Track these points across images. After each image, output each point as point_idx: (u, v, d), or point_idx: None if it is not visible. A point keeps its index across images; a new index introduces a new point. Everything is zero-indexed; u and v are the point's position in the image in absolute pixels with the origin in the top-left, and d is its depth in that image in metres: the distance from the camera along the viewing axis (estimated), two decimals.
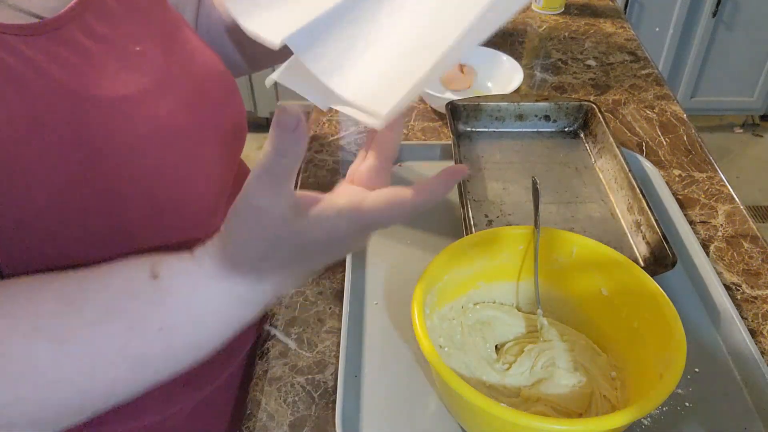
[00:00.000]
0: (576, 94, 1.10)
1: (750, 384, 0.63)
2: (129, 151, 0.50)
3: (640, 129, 1.01)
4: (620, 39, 1.27)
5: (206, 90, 0.60)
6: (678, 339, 0.53)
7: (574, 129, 0.96)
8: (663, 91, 1.11)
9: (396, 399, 0.62)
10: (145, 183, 0.52)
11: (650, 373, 0.55)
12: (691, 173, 0.92)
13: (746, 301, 0.72)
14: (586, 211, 0.82)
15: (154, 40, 0.57)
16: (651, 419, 0.60)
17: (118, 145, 0.49)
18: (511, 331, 0.66)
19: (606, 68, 1.17)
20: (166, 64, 0.57)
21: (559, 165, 0.90)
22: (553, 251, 0.64)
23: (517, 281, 0.67)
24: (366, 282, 0.74)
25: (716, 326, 0.68)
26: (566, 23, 1.33)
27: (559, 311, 0.67)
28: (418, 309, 0.55)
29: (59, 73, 0.48)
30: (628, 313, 0.60)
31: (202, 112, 0.58)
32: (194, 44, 0.63)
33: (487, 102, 0.95)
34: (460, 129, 0.96)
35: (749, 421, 0.60)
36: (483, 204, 0.83)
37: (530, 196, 0.83)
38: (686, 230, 0.79)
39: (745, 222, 0.83)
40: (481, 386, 0.60)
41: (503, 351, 0.64)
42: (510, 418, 0.48)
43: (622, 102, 1.08)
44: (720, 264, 0.77)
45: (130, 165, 0.50)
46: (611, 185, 0.85)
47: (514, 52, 1.20)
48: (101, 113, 0.49)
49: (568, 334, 0.64)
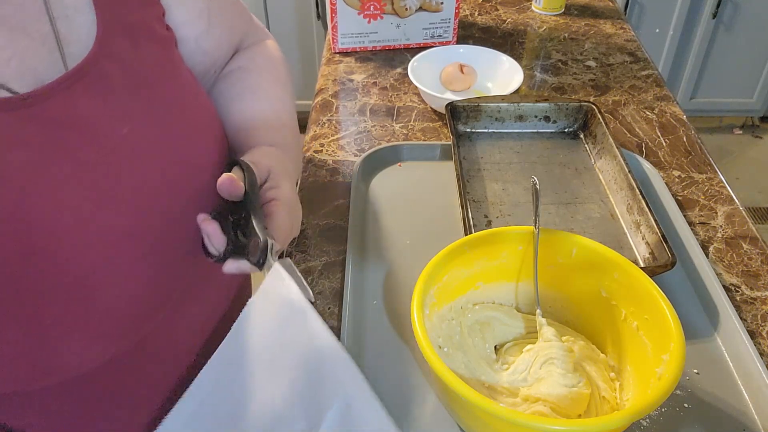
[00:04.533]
0: (576, 95, 1.10)
1: (749, 385, 0.63)
2: (67, 255, 0.47)
3: (639, 130, 1.01)
4: (620, 40, 1.27)
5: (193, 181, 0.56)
6: (677, 340, 0.53)
7: (574, 130, 0.96)
8: (663, 92, 1.11)
9: (395, 399, 0.62)
10: (76, 291, 0.48)
11: (649, 373, 0.55)
12: (690, 174, 0.92)
13: (745, 302, 0.72)
14: (586, 211, 0.82)
15: (150, 118, 0.52)
16: (650, 420, 0.60)
17: (56, 246, 0.46)
18: (510, 331, 0.66)
19: (606, 69, 1.17)
20: (155, 149, 0.52)
21: (558, 166, 0.90)
22: (552, 252, 0.64)
23: (516, 282, 0.67)
24: (366, 282, 0.74)
25: (715, 327, 0.68)
26: (566, 24, 1.33)
27: (558, 312, 0.67)
28: (417, 309, 0.55)
29: (14, 155, 0.44)
30: (628, 314, 0.60)
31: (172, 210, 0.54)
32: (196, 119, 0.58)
33: (487, 103, 0.95)
34: (460, 129, 0.96)
35: (748, 423, 0.60)
36: (483, 204, 0.83)
37: (530, 197, 0.83)
38: (686, 231, 0.79)
39: (744, 223, 0.83)
40: (480, 386, 0.60)
41: (502, 351, 0.64)
42: (509, 418, 0.48)
43: (621, 103, 1.08)
44: (719, 265, 0.77)
45: (63, 269, 0.47)
46: (611, 186, 0.85)
47: (514, 53, 1.20)
48: (48, 207, 0.46)
49: (567, 334, 0.64)
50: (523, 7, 1.39)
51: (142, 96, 0.52)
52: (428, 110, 1.05)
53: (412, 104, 1.07)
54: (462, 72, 1.07)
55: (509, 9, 1.39)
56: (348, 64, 1.19)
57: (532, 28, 1.32)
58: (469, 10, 1.38)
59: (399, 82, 1.13)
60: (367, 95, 1.10)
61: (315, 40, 2.29)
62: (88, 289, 0.49)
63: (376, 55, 1.22)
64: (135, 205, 0.50)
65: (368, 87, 1.12)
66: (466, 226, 0.74)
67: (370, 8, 1.17)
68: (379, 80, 1.14)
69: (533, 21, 1.34)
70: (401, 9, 1.18)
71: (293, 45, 2.30)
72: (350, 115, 1.05)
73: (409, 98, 1.09)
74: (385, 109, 1.06)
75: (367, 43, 1.21)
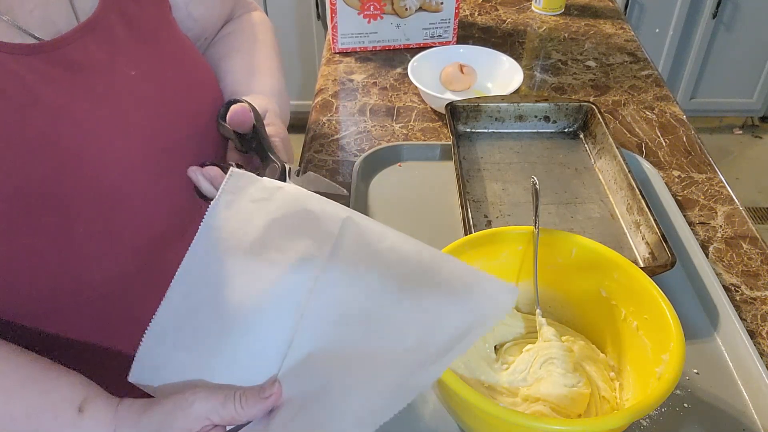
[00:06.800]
0: (576, 95, 1.10)
1: (749, 385, 0.63)
2: (93, 173, 0.54)
3: (639, 130, 1.01)
4: (620, 40, 1.27)
5: (198, 112, 0.63)
6: (677, 340, 0.53)
7: (574, 130, 0.96)
8: (663, 92, 1.11)
9: None
10: (102, 206, 0.55)
11: (649, 373, 0.55)
12: (690, 174, 0.92)
13: (745, 302, 0.72)
14: (586, 211, 0.82)
15: (154, 64, 0.59)
16: (650, 420, 0.60)
17: (84, 166, 0.53)
18: (510, 331, 0.66)
19: (606, 69, 1.17)
20: (160, 90, 0.59)
21: (558, 166, 0.90)
22: (552, 252, 0.64)
23: (516, 282, 0.67)
24: None
25: (715, 327, 0.68)
26: (566, 24, 1.33)
27: (558, 312, 0.67)
28: None
29: (44, 91, 0.51)
30: (627, 314, 0.60)
31: (181, 143, 0.61)
32: (196, 65, 0.65)
33: (487, 103, 0.95)
34: (460, 129, 0.96)
35: (748, 423, 0.60)
36: (482, 204, 0.83)
37: (530, 197, 0.83)
38: (685, 231, 0.79)
39: (744, 223, 0.83)
40: (479, 386, 0.60)
41: (502, 351, 0.64)
42: (509, 418, 0.48)
43: (621, 103, 1.08)
44: (719, 265, 0.77)
45: (91, 186, 0.54)
46: (611, 186, 0.85)
47: (514, 53, 1.20)
48: (75, 133, 0.53)
49: (567, 334, 0.64)
50: (523, 7, 1.39)
51: (145, 47, 0.59)
52: (428, 110, 1.05)
53: (412, 104, 1.07)
54: (462, 72, 1.07)
55: (509, 9, 1.39)
56: (348, 64, 1.19)
57: (532, 28, 1.32)
58: (469, 10, 1.38)
59: (399, 82, 1.13)
60: (367, 95, 1.10)
61: (315, 40, 2.29)
62: (111, 206, 0.56)
63: (376, 55, 1.22)
64: (144, 136, 0.57)
65: (368, 87, 1.12)
66: (466, 226, 0.74)
67: (370, 8, 1.17)
68: (379, 80, 1.14)
69: (533, 21, 1.34)
70: (401, 9, 1.18)
71: (293, 45, 2.30)
72: (350, 115, 1.05)
73: (409, 98, 1.09)
74: (385, 109, 1.06)
75: (367, 43, 1.21)
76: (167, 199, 0.61)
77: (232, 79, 0.70)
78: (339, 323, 0.49)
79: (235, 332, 0.50)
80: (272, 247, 0.51)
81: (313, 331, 0.49)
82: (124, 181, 0.56)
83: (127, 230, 0.58)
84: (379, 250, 0.49)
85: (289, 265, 0.50)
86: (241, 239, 0.52)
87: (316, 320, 0.49)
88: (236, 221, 0.52)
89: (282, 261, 0.50)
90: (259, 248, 0.51)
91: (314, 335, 0.49)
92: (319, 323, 0.49)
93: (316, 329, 0.49)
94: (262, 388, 0.48)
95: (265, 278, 0.50)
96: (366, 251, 0.49)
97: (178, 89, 0.61)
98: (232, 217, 0.52)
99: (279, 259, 0.50)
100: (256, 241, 0.51)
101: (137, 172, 0.57)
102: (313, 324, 0.49)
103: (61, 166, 0.52)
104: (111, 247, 0.57)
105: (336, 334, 0.49)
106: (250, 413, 0.48)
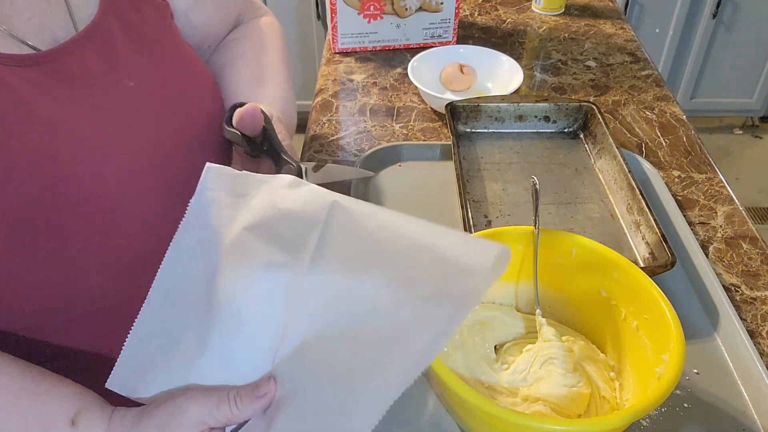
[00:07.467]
0: (576, 95, 1.10)
1: (749, 385, 0.63)
2: (90, 188, 0.53)
3: (639, 130, 1.01)
4: (620, 40, 1.27)
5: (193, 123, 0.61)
6: (677, 340, 0.53)
7: (574, 130, 0.96)
8: (663, 92, 1.11)
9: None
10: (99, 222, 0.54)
11: (649, 373, 0.55)
12: (690, 174, 0.92)
13: (745, 302, 0.72)
14: (586, 211, 0.82)
15: (153, 74, 0.58)
16: (650, 420, 0.60)
17: (82, 181, 0.52)
18: (510, 331, 0.66)
19: (606, 69, 1.17)
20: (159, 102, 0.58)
21: (558, 166, 0.90)
22: (552, 252, 0.64)
23: (516, 282, 0.67)
24: None
25: (715, 327, 0.68)
26: (566, 24, 1.33)
27: (558, 312, 0.67)
28: None
29: (40, 103, 0.50)
30: (627, 314, 0.60)
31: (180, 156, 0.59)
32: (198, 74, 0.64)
33: (487, 103, 0.95)
34: (460, 129, 0.96)
35: (748, 423, 0.60)
36: (482, 204, 0.83)
37: (530, 197, 0.83)
38: (685, 231, 0.79)
39: (744, 223, 0.83)
40: (479, 386, 0.60)
41: (502, 351, 0.64)
42: (509, 418, 0.48)
43: (621, 103, 1.08)
44: (719, 265, 0.77)
45: (87, 201, 0.53)
46: (611, 186, 0.85)
47: (514, 53, 1.20)
48: (72, 147, 0.52)
49: (567, 334, 0.64)
50: (523, 7, 1.39)
51: (145, 56, 0.58)
52: (428, 110, 1.05)
53: (412, 104, 1.07)
54: (462, 72, 1.07)
55: (509, 9, 1.39)
56: (348, 64, 1.19)
57: (532, 28, 1.32)
58: (469, 10, 1.38)
59: (399, 82, 1.13)
60: (367, 95, 1.10)
61: (315, 40, 2.29)
62: (108, 222, 0.55)
63: (376, 55, 1.22)
64: (143, 148, 0.56)
65: (368, 87, 1.12)
66: (466, 226, 0.74)
67: (370, 8, 1.17)
68: (379, 80, 1.14)
69: (533, 21, 1.34)
70: (401, 9, 1.18)
71: (293, 45, 2.29)
72: (350, 115, 1.05)
73: (409, 98, 1.09)
74: (385, 109, 1.06)
75: (367, 43, 1.21)
76: (165, 212, 0.59)
77: (235, 88, 0.69)
78: (331, 311, 0.47)
79: (222, 329, 0.49)
80: (257, 239, 0.50)
81: (305, 323, 0.48)
82: (122, 196, 0.55)
83: (125, 245, 0.57)
84: (369, 231, 0.47)
85: (275, 256, 0.49)
86: (223, 234, 0.51)
87: (308, 311, 0.48)
88: (217, 217, 0.51)
89: (267, 253, 0.49)
90: (243, 241, 0.50)
91: (306, 326, 0.48)
92: (311, 314, 0.48)
93: (307, 320, 0.48)
94: (256, 386, 0.47)
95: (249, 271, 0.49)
96: (356, 234, 0.48)
97: (178, 101, 0.60)
98: (214, 213, 0.51)
99: (264, 251, 0.49)
100: (239, 234, 0.50)
101: (135, 187, 0.56)
102: (305, 315, 0.48)
103: (57, 181, 0.51)
104: (107, 262, 0.56)
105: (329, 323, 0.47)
106: (247, 412, 0.47)
